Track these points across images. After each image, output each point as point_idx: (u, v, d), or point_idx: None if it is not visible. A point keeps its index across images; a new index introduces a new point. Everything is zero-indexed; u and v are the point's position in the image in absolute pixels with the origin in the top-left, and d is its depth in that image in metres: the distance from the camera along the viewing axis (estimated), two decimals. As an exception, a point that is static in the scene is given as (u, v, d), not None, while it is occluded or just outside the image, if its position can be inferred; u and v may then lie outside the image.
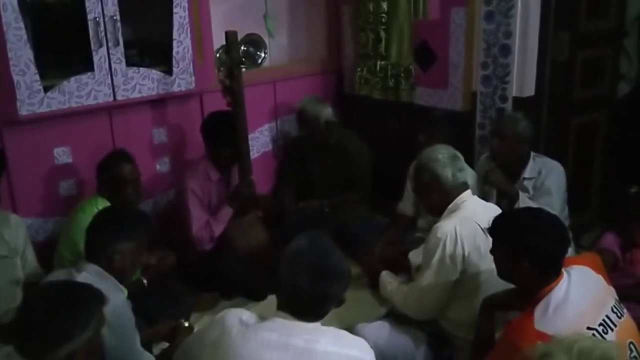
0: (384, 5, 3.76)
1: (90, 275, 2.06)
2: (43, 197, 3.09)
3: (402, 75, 3.77)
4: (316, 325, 1.67)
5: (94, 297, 1.68)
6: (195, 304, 2.88)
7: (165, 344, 2.40)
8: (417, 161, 2.48)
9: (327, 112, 3.57)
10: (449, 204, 2.38)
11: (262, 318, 1.69)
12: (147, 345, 2.31)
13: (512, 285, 2.04)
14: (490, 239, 2.04)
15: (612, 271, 2.70)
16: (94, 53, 2.96)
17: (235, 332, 1.64)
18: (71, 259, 2.64)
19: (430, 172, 2.38)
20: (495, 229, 1.98)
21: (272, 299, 2.71)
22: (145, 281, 2.67)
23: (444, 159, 2.38)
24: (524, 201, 2.85)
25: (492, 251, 2.01)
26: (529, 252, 1.86)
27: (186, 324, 2.37)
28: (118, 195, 2.76)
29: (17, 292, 2.57)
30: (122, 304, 2.05)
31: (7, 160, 2.84)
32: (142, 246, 2.23)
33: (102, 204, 2.73)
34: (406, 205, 3.32)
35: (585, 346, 1.33)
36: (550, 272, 1.87)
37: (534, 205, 2.78)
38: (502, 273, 2.00)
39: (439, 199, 2.39)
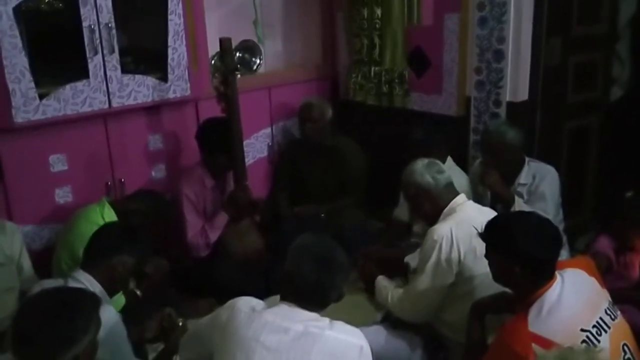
0: (378, 12, 3.78)
1: (80, 285, 2.06)
2: (39, 205, 3.09)
3: (396, 80, 3.78)
4: (316, 314, 1.79)
5: (90, 300, 1.73)
6: (191, 310, 2.87)
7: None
8: (401, 182, 2.53)
9: (330, 111, 3.60)
10: (442, 209, 2.41)
11: (270, 306, 1.82)
12: (139, 345, 2.30)
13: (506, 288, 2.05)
14: (485, 242, 2.06)
15: (607, 274, 2.71)
16: (89, 60, 2.97)
17: (243, 314, 1.76)
18: (69, 263, 2.66)
19: (412, 184, 2.45)
20: (487, 234, 1.99)
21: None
22: (138, 292, 2.67)
23: (420, 167, 2.45)
24: (519, 206, 2.86)
25: (486, 256, 2.03)
26: (520, 256, 1.87)
27: (180, 323, 2.36)
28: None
29: (13, 300, 2.57)
30: (113, 317, 2.04)
31: (3, 168, 2.84)
32: (138, 265, 2.28)
33: (108, 212, 2.74)
34: (402, 211, 3.33)
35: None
36: (543, 275, 1.88)
37: (529, 209, 2.79)
38: (496, 277, 2.01)
39: (430, 206, 2.44)
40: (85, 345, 1.64)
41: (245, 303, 1.81)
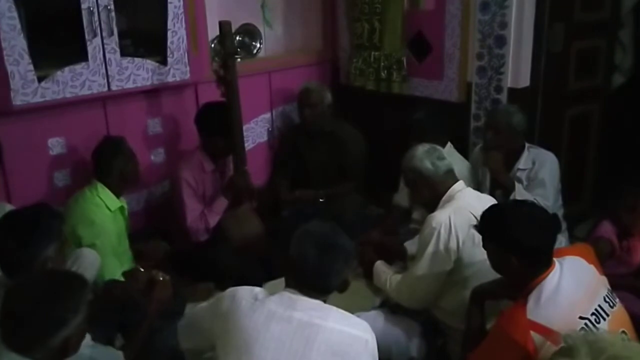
0: (380, -5, 3.75)
1: None
2: (38, 188, 3.09)
3: (394, 66, 3.75)
4: (320, 302, 1.77)
5: (78, 281, 1.73)
6: (189, 294, 2.89)
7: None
8: (401, 166, 2.52)
9: (329, 96, 3.58)
10: (441, 196, 2.40)
11: (272, 294, 1.79)
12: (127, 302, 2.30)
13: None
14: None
15: (609, 259, 2.73)
16: (88, 43, 2.95)
17: (245, 303, 1.75)
18: (72, 246, 2.65)
19: (412, 169, 2.44)
20: (482, 225, 1.99)
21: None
22: (142, 269, 2.68)
23: (420, 153, 2.44)
24: (519, 192, 2.86)
25: (483, 246, 2.03)
26: (515, 246, 1.87)
27: (160, 277, 2.35)
28: (123, 174, 2.82)
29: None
30: None
31: (3, 153, 2.83)
32: (63, 242, 2.13)
33: (102, 191, 2.74)
34: (402, 196, 3.33)
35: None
36: (540, 264, 1.88)
37: (529, 195, 2.80)
38: (494, 266, 2.01)
39: (429, 192, 2.43)
40: (75, 327, 1.65)
41: (247, 292, 1.79)
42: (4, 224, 2.03)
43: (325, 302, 1.79)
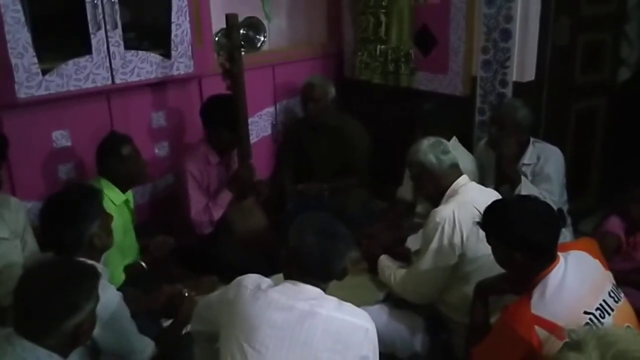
0: (385, -11, 3.73)
1: None
2: (42, 181, 3.09)
3: (402, 59, 3.74)
4: (321, 292, 1.79)
5: (90, 269, 1.76)
6: (193, 287, 2.89)
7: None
8: (406, 159, 2.51)
9: (333, 90, 3.57)
10: (445, 190, 2.40)
11: (276, 284, 1.82)
12: (151, 315, 2.32)
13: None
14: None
15: (616, 254, 2.72)
16: (92, 36, 2.94)
17: (248, 292, 1.77)
18: None
19: (416, 163, 2.45)
20: (485, 221, 1.99)
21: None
22: (144, 265, 2.68)
23: (425, 147, 2.44)
24: (526, 186, 2.85)
25: (487, 242, 2.02)
26: (518, 242, 1.87)
27: (186, 294, 2.37)
28: (125, 175, 2.78)
29: (16, 274, 2.57)
30: (115, 297, 2.02)
31: (9, 147, 2.83)
32: (105, 217, 2.20)
33: (106, 186, 2.74)
34: (406, 190, 3.32)
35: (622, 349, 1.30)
36: (544, 259, 1.88)
37: (535, 190, 2.79)
38: (498, 261, 2.01)
39: (433, 186, 2.43)
40: (87, 314, 1.67)
41: (252, 281, 1.81)
42: (48, 208, 2.14)
43: (325, 291, 1.81)
